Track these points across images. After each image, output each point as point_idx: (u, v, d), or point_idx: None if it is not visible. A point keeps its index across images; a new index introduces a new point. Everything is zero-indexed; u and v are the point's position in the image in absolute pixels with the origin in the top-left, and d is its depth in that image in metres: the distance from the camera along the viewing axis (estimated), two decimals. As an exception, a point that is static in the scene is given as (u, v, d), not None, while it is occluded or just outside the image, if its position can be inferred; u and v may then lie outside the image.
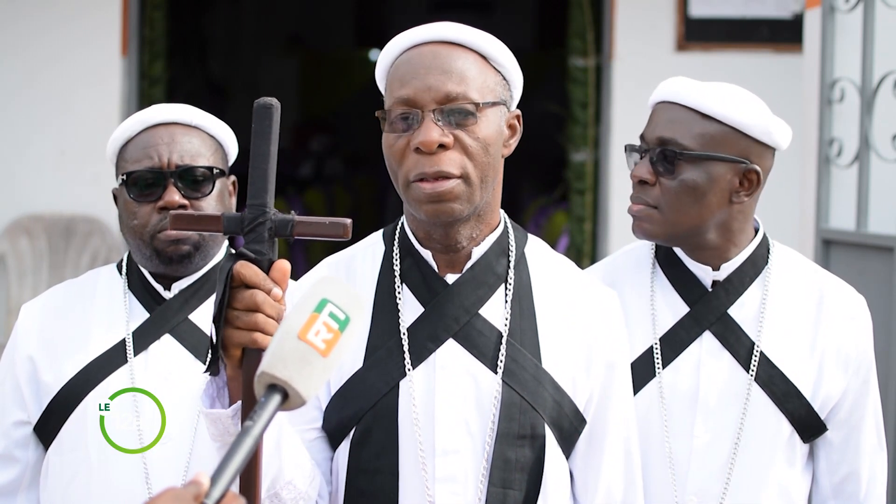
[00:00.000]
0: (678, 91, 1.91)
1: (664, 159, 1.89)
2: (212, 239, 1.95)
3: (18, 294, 5.63)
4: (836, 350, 1.94)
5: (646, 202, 1.92)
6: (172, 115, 1.96)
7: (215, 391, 1.47)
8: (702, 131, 1.88)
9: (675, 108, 1.91)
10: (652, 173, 1.90)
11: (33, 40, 5.80)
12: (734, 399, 1.91)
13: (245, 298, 1.37)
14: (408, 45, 1.64)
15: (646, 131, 1.95)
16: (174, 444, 1.86)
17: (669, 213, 1.90)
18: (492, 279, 1.67)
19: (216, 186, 1.94)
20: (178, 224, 1.44)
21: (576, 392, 1.67)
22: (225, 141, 2.01)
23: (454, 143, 1.58)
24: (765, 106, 1.93)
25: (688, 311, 1.94)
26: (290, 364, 1.15)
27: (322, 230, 1.39)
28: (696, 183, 1.88)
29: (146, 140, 1.94)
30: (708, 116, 1.88)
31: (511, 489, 1.61)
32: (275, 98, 1.39)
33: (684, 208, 1.89)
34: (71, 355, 1.90)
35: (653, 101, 1.97)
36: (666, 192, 1.89)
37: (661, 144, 1.90)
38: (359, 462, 1.62)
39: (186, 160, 1.92)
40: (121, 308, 1.94)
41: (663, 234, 1.92)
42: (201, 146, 1.95)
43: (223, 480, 1.05)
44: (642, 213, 1.92)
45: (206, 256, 1.96)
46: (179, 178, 1.91)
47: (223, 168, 1.98)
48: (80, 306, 1.96)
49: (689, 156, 1.87)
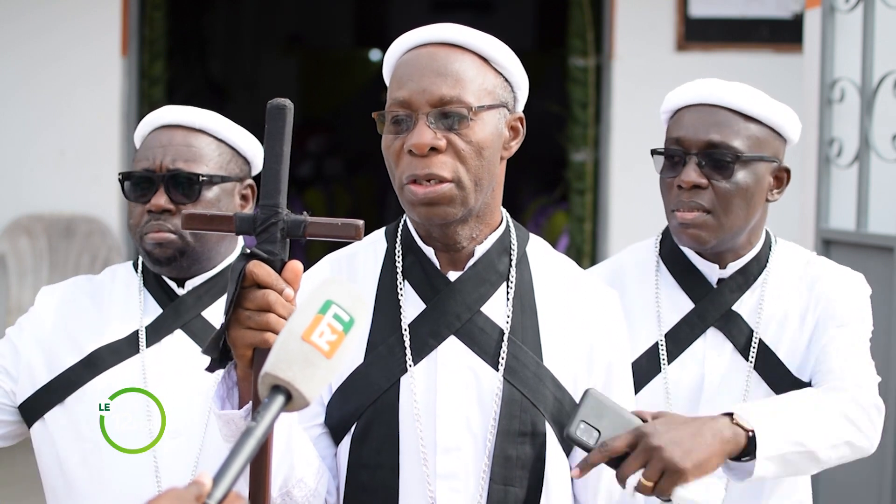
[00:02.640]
0: (720, 94, 1.90)
1: (716, 163, 1.88)
2: (202, 245, 1.94)
3: (18, 294, 5.63)
4: (824, 323, 1.95)
5: (701, 207, 1.89)
6: (178, 118, 1.96)
7: (225, 391, 1.47)
8: (748, 133, 1.89)
9: (716, 111, 1.90)
10: (703, 177, 1.89)
11: (32, 39, 5.81)
12: (734, 387, 1.94)
13: (257, 298, 1.36)
14: (408, 46, 1.65)
15: (682, 135, 1.92)
16: (183, 440, 1.87)
17: (724, 218, 1.89)
18: (494, 277, 1.67)
19: (206, 193, 1.93)
20: (190, 223, 1.45)
21: (576, 390, 1.67)
22: (241, 146, 2.00)
23: (447, 147, 1.58)
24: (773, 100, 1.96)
25: (693, 307, 1.96)
26: (293, 365, 1.15)
27: (334, 231, 1.40)
28: (748, 185, 1.89)
29: (149, 141, 1.97)
30: (749, 118, 1.89)
31: (512, 486, 1.61)
32: (286, 99, 1.40)
33: (737, 211, 1.89)
34: (82, 342, 1.93)
35: (680, 104, 1.95)
36: (721, 194, 1.88)
37: (711, 148, 1.88)
38: (359, 458, 1.62)
39: (178, 164, 1.92)
40: (136, 303, 1.96)
41: (716, 239, 1.91)
42: (204, 151, 1.95)
43: (226, 481, 1.05)
44: (698, 220, 1.89)
45: (202, 260, 1.96)
46: (170, 181, 1.92)
47: (226, 174, 1.97)
48: (97, 298, 1.98)
49: (743, 158, 1.88)
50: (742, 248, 1.97)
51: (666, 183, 1.94)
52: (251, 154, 2.02)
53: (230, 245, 2.01)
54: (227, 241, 1.99)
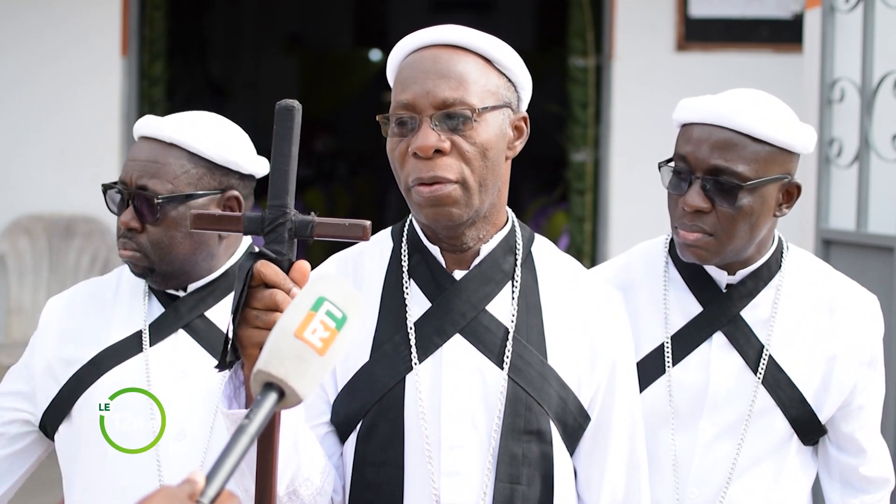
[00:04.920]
0: (728, 115, 1.86)
1: (721, 189, 1.86)
2: (169, 263, 1.90)
3: (18, 294, 5.63)
4: (846, 358, 1.97)
5: (703, 230, 1.88)
6: (152, 131, 1.91)
7: (232, 391, 1.47)
8: (754, 156, 1.85)
9: (722, 132, 1.86)
10: (707, 201, 1.86)
11: (32, 38, 5.81)
12: (741, 398, 1.94)
13: (265, 298, 1.37)
14: (411, 48, 1.65)
15: (689, 153, 1.89)
16: (188, 442, 1.86)
17: (726, 239, 1.88)
18: (499, 276, 1.68)
19: (170, 212, 1.88)
20: (199, 223, 1.45)
21: (580, 389, 1.68)
22: (219, 158, 1.91)
23: (451, 149, 1.58)
24: (790, 111, 1.92)
25: (700, 311, 1.96)
26: (286, 362, 1.15)
27: (342, 232, 1.40)
28: (752, 209, 1.86)
29: (130, 152, 1.94)
30: (757, 139, 1.85)
31: (518, 484, 1.62)
32: (290, 99, 1.40)
33: (741, 233, 1.88)
34: (87, 345, 1.93)
35: (689, 119, 1.91)
36: (724, 219, 1.86)
37: (716, 173, 1.85)
38: (365, 455, 1.63)
39: (143, 181, 1.88)
40: (140, 305, 1.96)
41: (718, 258, 1.91)
42: (171, 168, 1.89)
43: (218, 479, 1.04)
44: (700, 242, 1.89)
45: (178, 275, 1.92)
46: (136, 198, 1.89)
47: (196, 191, 1.89)
48: (103, 301, 1.98)
49: (747, 186, 1.84)
50: (751, 257, 1.96)
51: (672, 198, 1.94)
52: (236, 163, 1.93)
53: (225, 253, 1.97)
54: (203, 253, 1.93)
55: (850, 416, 1.99)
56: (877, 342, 2.01)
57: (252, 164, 1.95)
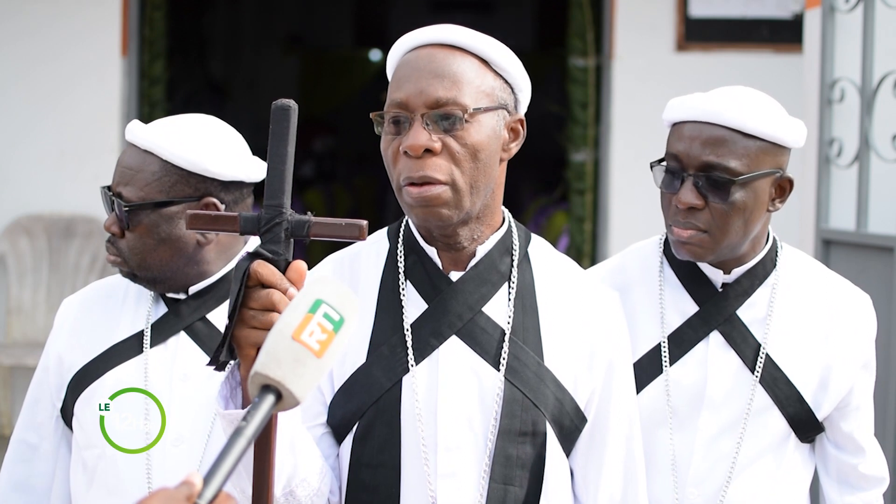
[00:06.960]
0: (717, 111, 1.87)
1: (713, 184, 1.87)
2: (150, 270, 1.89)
3: (18, 294, 5.62)
4: (844, 359, 1.98)
5: (696, 227, 1.89)
6: (132, 136, 1.90)
7: (229, 391, 1.47)
8: (745, 151, 1.86)
9: (713, 129, 1.87)
10: (700, 198, 1.87)
11: (31, 37, 5.80)
12: (738, 397, 1.94)
13: (261, 298, 1.37)
14: (409, 47, 1.65)
15: (681, 151, 1.90)
16: (187, 447, 1.86)
17: (720, 236, 1.88)
18: (495, 277, 1.68)
19: (142, 219, 1.87)
20: (195, 223, 1.45)
21: (577, 390, 1.67)
22: (192, 166, 1.86)
23: (442, 149, 1.58)
24: (780, 106, 1.93)
25: (696, 310, 1.96)
26: (283, 364, 1.15)
27: (338, 232, 1.40)
28: (745, 203, 1.87)
29: (118, 157, 1.95)
30: (748, 134, 1.87)
31: (512, 485, 1.62)
32: (290, 100, 1.40)
33: (735, 229, 1.89)
34: (95, 344, 1.94)
35: (679, 118, 1.92)
36: (717, 215, 1.87)
37: (708, 169, 1.86)
38: (361, 457, 1.63)
39: (119, 187, 1.89)
40: (146, 306, 1.96)
41: (713, 255, 1.91)
42: (143, 175, 1.87)
43: (216, 481, 1.05)
44: (694, 239, 1.89)
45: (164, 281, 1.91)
46: (116, 203, 1.89)
47: (168, 198, 1.86)
48: (111, 302, 1.99)
49: (740, 180, 1.85)
50: (745, 255, 1.97)
51: (665, 197, 1.94)
52: (210, 170, 1.87)
53: (218, 256, 1.95)
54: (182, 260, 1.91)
55: (849, 415, 2.00)
56: (871, 343, 2.02)
57: (234, 170, 1.89)
